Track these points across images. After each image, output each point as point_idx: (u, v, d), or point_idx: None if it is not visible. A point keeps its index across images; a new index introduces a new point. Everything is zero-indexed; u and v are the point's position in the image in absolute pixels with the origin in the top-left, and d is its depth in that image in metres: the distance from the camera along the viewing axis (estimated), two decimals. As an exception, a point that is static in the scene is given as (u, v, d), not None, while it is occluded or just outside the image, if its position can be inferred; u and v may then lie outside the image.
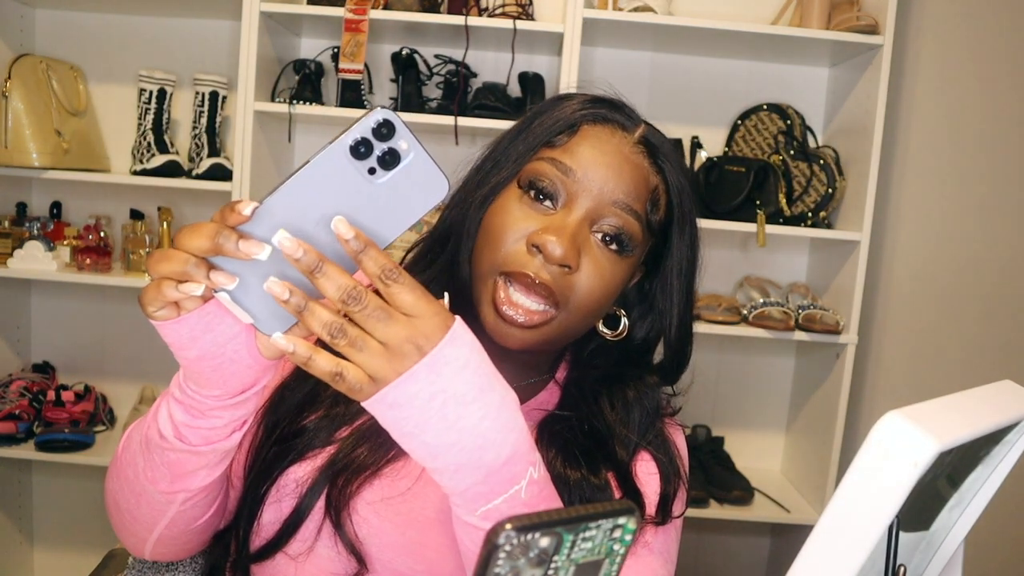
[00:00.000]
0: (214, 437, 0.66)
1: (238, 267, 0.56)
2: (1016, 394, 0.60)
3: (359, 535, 0.74)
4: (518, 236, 0.76)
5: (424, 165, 0.57)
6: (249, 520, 0.77)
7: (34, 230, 2.14)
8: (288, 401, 0.80)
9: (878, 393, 2.34)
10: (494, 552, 0.37)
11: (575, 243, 0.75)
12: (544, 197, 0.78)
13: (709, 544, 2.42)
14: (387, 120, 0.56)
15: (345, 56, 1.98)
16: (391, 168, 0.56)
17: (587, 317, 0.79)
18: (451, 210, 0.85)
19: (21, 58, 2.05)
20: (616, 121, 0.81)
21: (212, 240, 0.55)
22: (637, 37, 2.17)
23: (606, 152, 0.78)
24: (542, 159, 0.79)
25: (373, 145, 0.56)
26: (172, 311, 0.58)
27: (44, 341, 2.36)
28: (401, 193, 0.57)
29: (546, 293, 0.75)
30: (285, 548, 0.76)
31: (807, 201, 2.11)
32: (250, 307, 0.57)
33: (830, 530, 0.47)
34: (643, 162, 0.80)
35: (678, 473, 0.83)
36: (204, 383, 0.62)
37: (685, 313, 0.86)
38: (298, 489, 0.76)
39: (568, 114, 0.81)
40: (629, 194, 0.78)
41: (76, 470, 2.21)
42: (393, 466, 0.77)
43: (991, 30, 2.26)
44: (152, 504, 0.71)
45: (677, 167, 0.83)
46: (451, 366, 0.56)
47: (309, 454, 0.77)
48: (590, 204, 0.77)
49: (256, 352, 0.61)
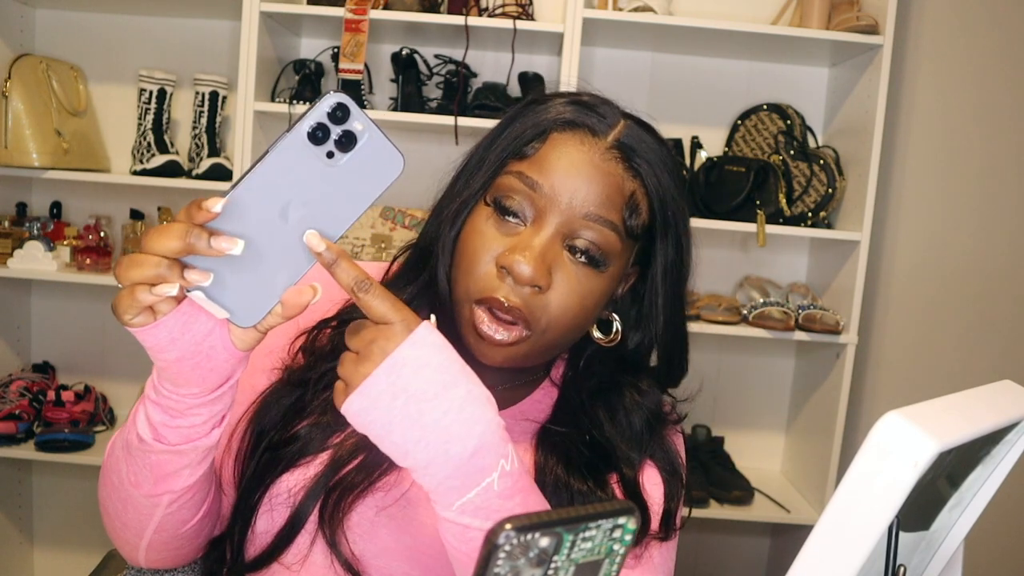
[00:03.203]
0: (194, 435, 0.65)
1: (210, 263, 0.57)
2: (1016, 394, 0.60)
3: (355, 550, 0.74)
4: (488, 259, 0.75)
5: (379, 144, 0.58)
6: (243, 528, 0.77)
7: (34, 230, 2.14)
8: (274, 409, 0.79)
9: (878, 393, 2.34)
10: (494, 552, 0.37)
11: (543, 262, 0.73)
12: (512, 215, 0.75)
13: (709, 544, 2.42)
14: (341, 103, 0.57)
15: (345, 56, 1.98)
16: (348, 150, 0.58)
17: (566, 333, 0.77)
18: (430, 222, 0.83)
19: (21, 58, 2.05)
20: (587, 126, 0.77)
21: (183, 240, 0.55)
22: (637, 37, 2.17)
23: (574, 162, 0.75)
24: (510, 173, 0.76)
25: (329, 129, 0.57)
26: (148, 316, 0.58)
27: (44, 341, 2.35)
28: (360, 173, 0.59)
29: (516, 316, 0.74)
30: (280, 558, 0.75)
31: (807, 201, 2.11)
32: (225, 302, 0.58)
33: (830, 530, 0.47)
34: (616, 168, 0.76)
35: (682, 484, 0.82)
36: (182, 382, 0.62)
37: (675, 316, 0.83)
38: (290, 499, 0.75)
39: (538, 120, 0.78)
40: (601, 205, 0.74)
41: (76, 470, 2.21)
42: (386, 479, 0.76)
43: (991, 30, 2.26)
44: (138, 509, 0.71)
45: (658, 167, 0.78)
46: (410, 366, 0.57)
47: (301, 462, 0.76)
48: (560, 219, 0.74)
49: (230, 345, 0.61)
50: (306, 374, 0.80)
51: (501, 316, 0.74)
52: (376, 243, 2.10)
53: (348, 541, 0.73)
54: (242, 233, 0.57)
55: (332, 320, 0.83)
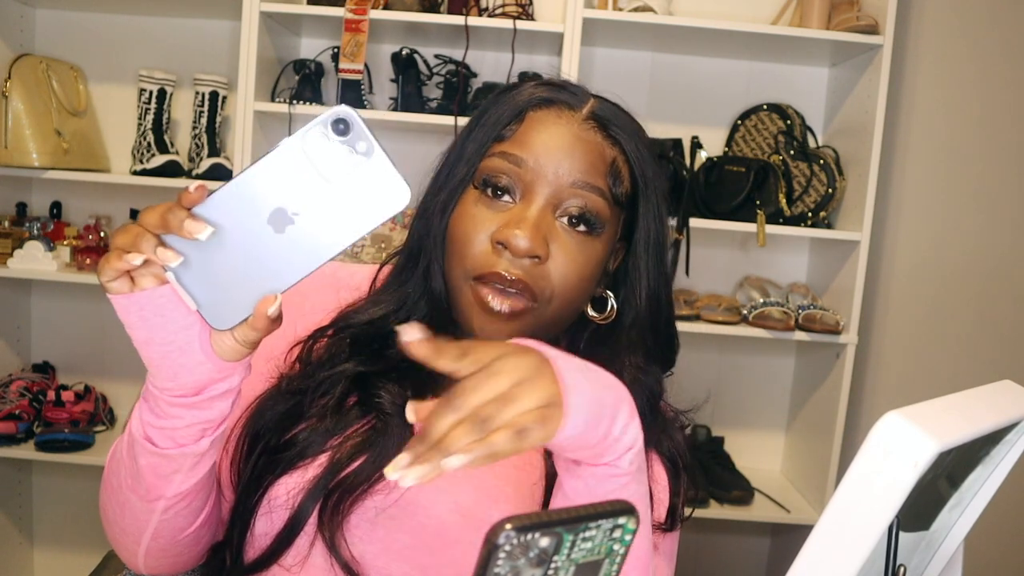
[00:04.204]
0: (180, 439, 0.65)
1: (187, 249, 0.56)
2: (1016, 394, 0.60)
3: (355, 552, 0.73)
4: (483, 237, 0.75)
5: (384, 170, 0.56)
6: (242, 531, 0.76)
7: (34, 230, 2.14)
8: (269, 414, 0.78)
9: (878, 393, 2.34)
10: (494, 552, 0.37)
11: (539, 232, 0.74)
12: (501, 192, 0.77)
13: (709, 544, 2.42)
14: (342, 118, 0.55)
15: (345, 56, 1.98)
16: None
17: (568, 304, 0.78)
18: (416, 222, 0.83)
19: (21, 58, 2.05)
20: (561, 101, 0.79)
21: (162, 216, 0.56)
22: (637, 37, 2.17)
23: (555, 135, 0.77)
24: (493, 155, 0.78)
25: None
26: (125, 284, 0.58)
27: (44, 341, 2.35)
28: (358, 197, 0.56)
29: (520, 287, 0.74)
30: (280, 560, 0.75)
31: (807, 201, 2.11)
32: (196, 292, 0.57)
33: (830, 530, 0.47)
34: (596, 137, 0.78)
35: (686, 476, 0.82)
36: (155, 373, 0.62)
37: (658, 286, 0.83)
38: (289, 501, 0.74)
39: (513, 104, 0.79)
40: (587, 172, 0.76)
41: (76, 470, 2.21)
42: (386, 481, 0.75)
43: (991, 30, 2.26)
44: (135, 513, 0.71)
45: (634, 136, 0.80)
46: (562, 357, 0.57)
47: (299, 464, 0.76)
48: (549, 190, 0.76)
49: (208, 348, 0.61)
50: (303, 383, 0.79)
51: (506, 289, 0.74)
52: (376, 243, 2.10)
53: (348, 543, 0.73)
54: (223, 228, 0.56)
55: (327, 328, 0.82)
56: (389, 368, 0.79)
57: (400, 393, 0.78)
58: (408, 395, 0.78)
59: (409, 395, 0.78)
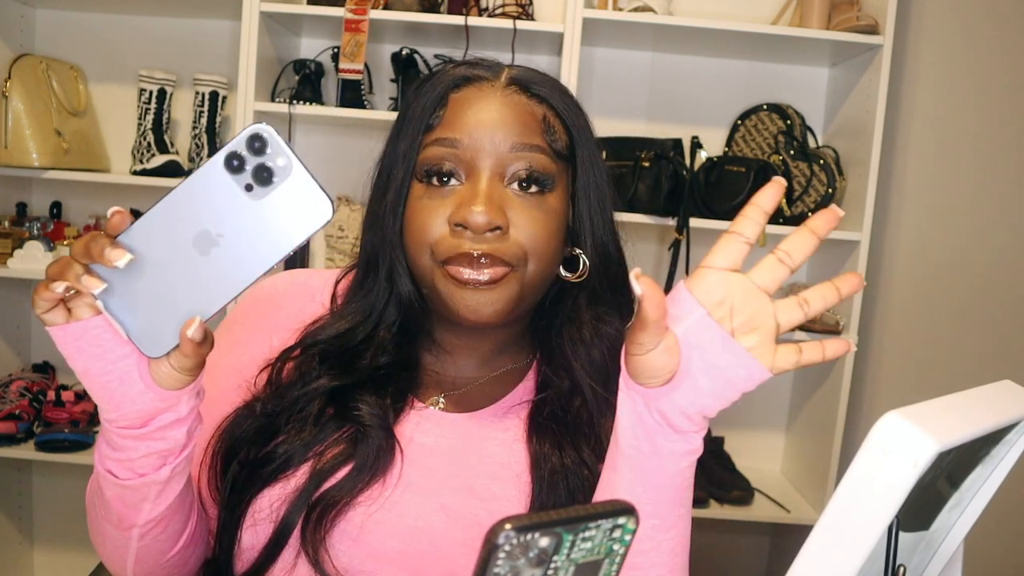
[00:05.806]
0: (139, 469, 0.64)
1: (113, 278, 0.56)
2: (1016, 394, 0.60)
3: (340, 566, 0.73)
4: (440, 223, 0.75)
5: (306, 186, 0.56)
6: (229, 545, 0.76)
7: (34, 230, 2.14)
8: (242, 429, 0.78)
9: (878, 393, 2.34)
10: (494, 552, 0.37)
11: (493, 203, 0.74)
12: (446, 178, 0.77)
13: (709, 544, 2.42)
14: (257, 134, 0.55)
15: (345, 56, 1.98)
16: (267, 185, 0.55)
17: (543, 265, 0.77)
18: (368, 232, 0.83)
19: (21, 58, 2.05)
20: (479, 76, 0.80)
21: (86, 245, 0.55)
22: (637, 37, 2.17)
23: (482, 107, 0.77)
24: (428, 145, 0.78)
25: (246, 160, 0.55)
26: (59, 314, 0.58)
27: (44, 341, 2.35)
28: (281, 214, 0.56)
29: (492, 260, 0.74)
30: (267, 573, 0.74)
31: (807, 201, 2.11)
32: (126, 321, 0.57)
33: (830, 530, 0.47)
34: (521, 99, 0.79)
35: None
36: (101, 404, 0.61)
37: (604, 231, 0.82)
38: (273, 514, 0.74)
39: (433, 92, 0.79)
40: (522, 133, 0.77)
41: (76, 470, 2.20)
42: (369, 492, 0.75)
43: (991, 30, 2.26)
44: (113, 541, 0.70)
45: (557, 90, 0.81)
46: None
47: (281, 476, 0.75)
48: (491, 161, 0.76)
49: (148, 378, 0.60)
50: (277, 404, 0.78)
51: (477, 263, 0.74)
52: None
53: (331, 557, 0.72)
54: (148, 255, 0.55)
55: (294, 349, 0.82)
56: (363, 379, 0.79)
57: (378, 403, 0.78)
58: (388, 403, 0.78)
59: (389, 403, 0.78)
